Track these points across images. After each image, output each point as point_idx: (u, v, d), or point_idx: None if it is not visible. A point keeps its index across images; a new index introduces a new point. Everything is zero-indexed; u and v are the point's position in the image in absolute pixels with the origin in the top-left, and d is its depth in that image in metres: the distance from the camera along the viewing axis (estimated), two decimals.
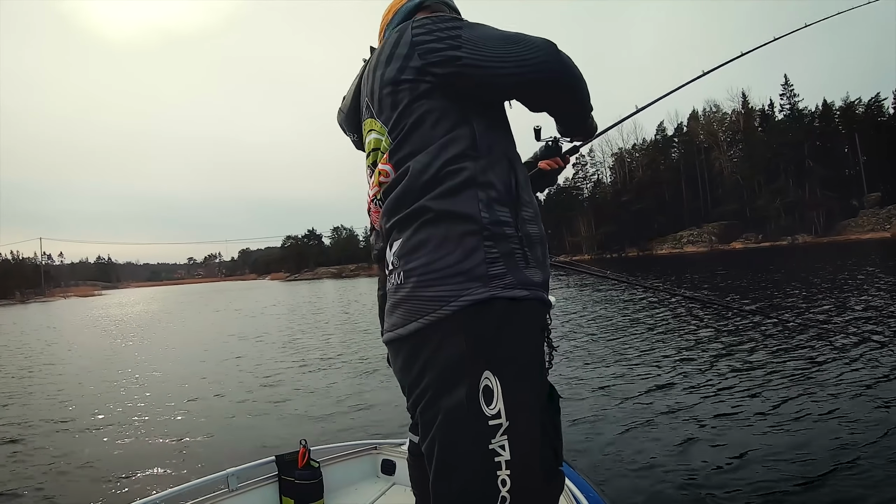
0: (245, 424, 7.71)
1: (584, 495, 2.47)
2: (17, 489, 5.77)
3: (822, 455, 4.89)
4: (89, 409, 9.30)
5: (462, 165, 1.36)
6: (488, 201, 1.34)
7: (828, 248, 50.95)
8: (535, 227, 1.43)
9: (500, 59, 1.34)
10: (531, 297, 1.32)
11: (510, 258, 1.31)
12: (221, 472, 2.77)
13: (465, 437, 1.23)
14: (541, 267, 1.39)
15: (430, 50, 1.40)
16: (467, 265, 1.29)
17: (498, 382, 1.23)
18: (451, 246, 1.31)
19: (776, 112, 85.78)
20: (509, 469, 1.20)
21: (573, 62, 1.40)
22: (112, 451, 6.83)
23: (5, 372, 14.39)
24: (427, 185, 1.37)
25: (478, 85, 1.39)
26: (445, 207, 1.34)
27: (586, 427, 6.21)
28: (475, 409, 1.22)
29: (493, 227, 1.32)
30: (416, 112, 1.42)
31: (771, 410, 6.22)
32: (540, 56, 1.34)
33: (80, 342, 22.12)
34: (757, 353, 9.27)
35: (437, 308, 1.29)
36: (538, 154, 1.97)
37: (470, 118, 1.41)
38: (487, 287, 1.27)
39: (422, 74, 1.41)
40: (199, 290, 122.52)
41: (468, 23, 1.44)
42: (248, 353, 14.79)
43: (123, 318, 35.27)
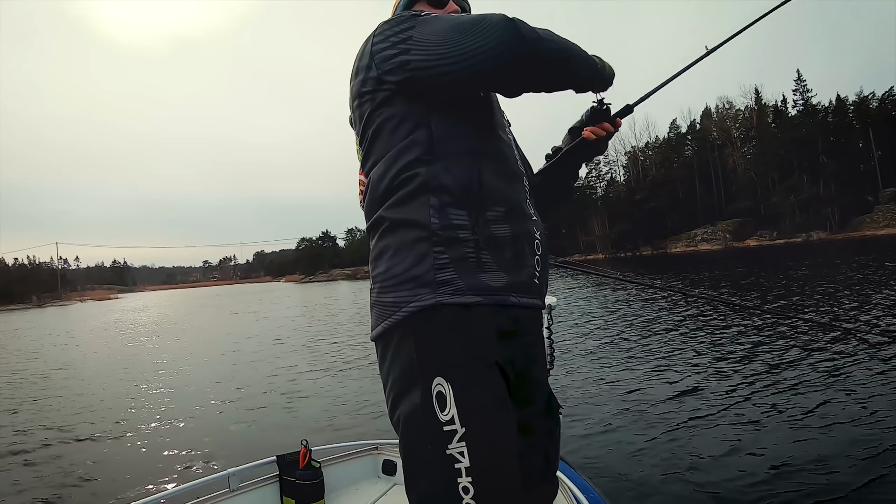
0: (246, 424, 7.80)
1: (585, 496, 2.49)
2: (20, 489, 5.90)
3: (829, 457, 4.89)
4: (94, 410, 9.47)
5: (415, 172, 1.35)
6: (440, 206, 1.32)
7: (843, 245, 50.46)
8: (505, 226, 1.37)
9: (448, 55, 1.28)
10: (485, 303, 1.29)
11: (462, 263, 1.30)
12: (222, 472, 2.78)
13: (423, 443, 1.24)
14: (507, 269, 1.34)
15: (385, 58, 1.38)
16: (417, 271, 1.30)
17: (450, 388, 1.22)
18: (404, 253, 1.33)
19: (789, 108, 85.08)
20: (470, 476, 1.18)
21: (535, 31, 1.28)
22: (114, 451, 6.95)
23: (16, 376, 14.60)
24: (384, 195, 1.39)
25: (431, 87, 1.35)
26: (399, 216, 1.35)
27: (589, 427, 6.25)
28: (430, 414, 1.22)
29: (443, 231, 1.30)
30: (377, 121, 1.43)
31: (777, 411, 6.23)
32: (490, 40, 1.24)
33: (90, 346, 22.34)
34: (764, 353, 9.24)
35: (392, 313, 1.32)
36: (583, 119, 1.79)
37: (429, 120, 1.38)
38: (435, 293, 1.27)
39: (380, 84, 1.40)
40: (214, 292, 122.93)
41: (423, 19, 1.38)
42: (254, 354, 14.91)
43: (137, 322, 35.64)
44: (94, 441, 7.49)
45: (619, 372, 8.90)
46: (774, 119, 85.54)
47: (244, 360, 13.90)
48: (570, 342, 12.13)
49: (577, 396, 7.60)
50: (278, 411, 8.40)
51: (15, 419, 9.40)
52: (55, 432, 8.17)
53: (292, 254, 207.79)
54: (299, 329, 20.76)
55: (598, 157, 1.92)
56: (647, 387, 7.78)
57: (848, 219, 72.45)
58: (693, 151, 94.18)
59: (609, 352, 10.75)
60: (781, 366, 8.23)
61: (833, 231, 71.84)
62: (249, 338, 19.20)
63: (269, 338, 18.54)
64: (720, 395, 7.05)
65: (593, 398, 7.48)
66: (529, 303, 1.39)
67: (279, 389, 9.98)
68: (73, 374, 14.27)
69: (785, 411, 6.20)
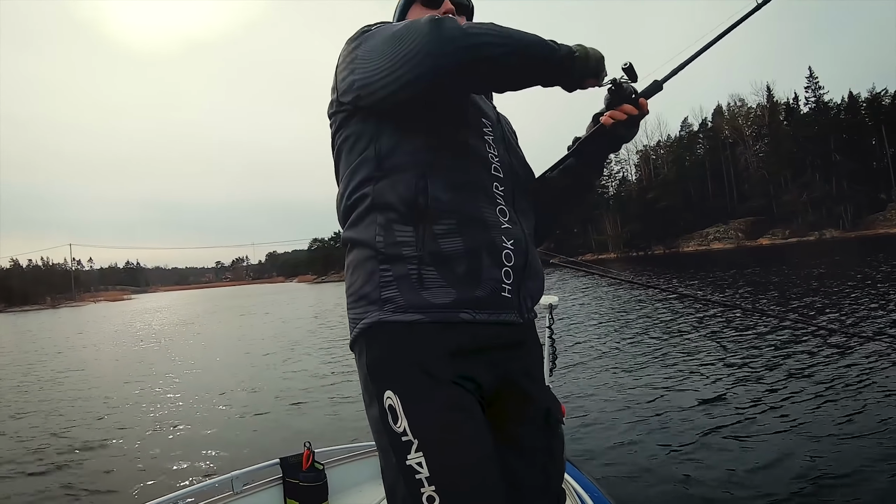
0: (250, 427, 7.89)
1: (590, 496, 2.53)
2: (24, 491, 6.02)
3: (834, 460, 4.92)
4: (98, 413, 9.60)
5: (363, 192, 1.36)
6: (386, 223, 1.32)
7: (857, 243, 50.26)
8: (455, 240, 1.31)
9: (380, 69, 1.27)
10: (427, 321, 1.27)
11: (404, 280, 1.29)
12: (226, 475, 2.79)
13: (388, 451, 1.25)
14: (457, 285, 1.30)
15: (341, 79, 1.39)
16: (366, 290, 1.32)
17: (398, 401, 1.23)
18: (359, 271, 1.35)
19: (801, 105, 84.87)
20: (432, 485, 1.18)
21: (461, 30, 1.21)
22: (117, 454, 7.04)
23: (28, 378, 14.81)
24: (344, 216, 1.43)
25: (375, 104, 1.33)
26: (353, 236, 1.38)
27: (592, 427, 6.34)
28: (386, 425, 1.24)
29: (387, 249, 1.30)
30: (338, 142, 1.45)
31: (789, 414, 6.24)
32: (415, 46, 1.20)
33: (99, 348, 22.56)
34: (777, 356, 9.24)
35: (352, 329, 1.35)
36: (604, 104, 1.58)
37: (380, 136, 1.38)
38: (381, 310, 1.29)
39: (339, 105, 1.42)
40: (227, 293, 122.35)
41: (369, 34, 1.37)
42: (259, 357, 15.04)
43: (148, 324, 35.74)
44: (99, 444, 7.60)
45: (627, 373, 8.96)
46: (786, 117, 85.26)
47: (249, 363, 14.06)
48: (577, 341, 12.20)
49: (584, 396, 7.65)
50: (282, 414, 8.49)
51: (22, 422, 9.54)
52: (61, 435, 8.30)
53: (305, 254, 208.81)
54: (306, 330, 20.89)
55: (624, 144, 1.69)
56: (655, 388, 7.81)
57: (861, 217, 72.29)
58: (705, 150, 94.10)
59: (616, 352, 10.80)
60: (794, 368, 8.23)
61: (846, 229, 71.68)
62: (256, 340, 19.36)
63: (276, 340, 18.61)
64: (727, 397, 7.09)
65: (600, 398, 7.54)
66: (491, 319, 1.33)
67: (283, 392, 10.09)
68: (80, 376, 14.42)
69: (797, 415, 6.20)
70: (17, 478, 6.51)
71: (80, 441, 7.78)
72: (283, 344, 17.17)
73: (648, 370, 8.98)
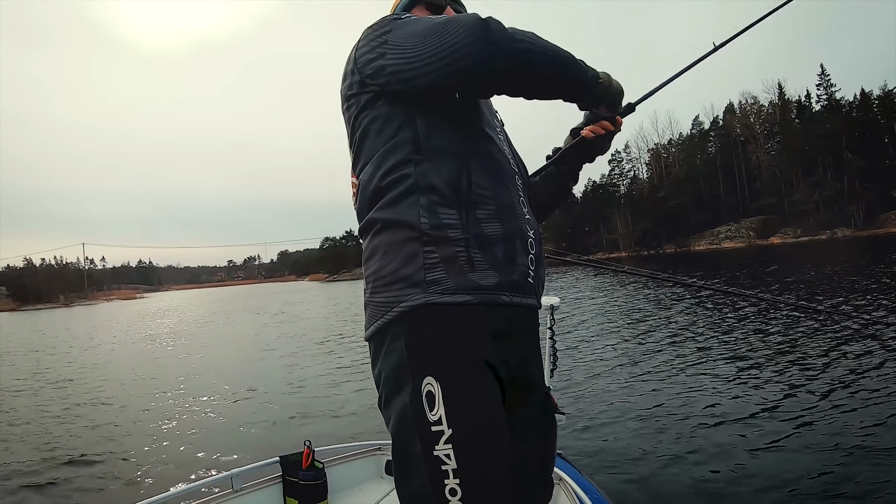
0: (250, 425, 7.89)
1: (588, 496, 2.52)
2: (23, 487, 6.05)
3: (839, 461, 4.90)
4: (99, 410, 9.69)
5: (403, 172, 1.35)
6: (430, 205, 1.32)
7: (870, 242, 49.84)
8: (496, 225, 1.36)
9: (419, 58, 1.29)
10: (476, 302, 1.29)
11: (452, 262, 1.29)
12: (226, 473, 2.79)
13: (412, 442, 1.23)
14: (498, 268, 1.34)
15: (366, 62, 1.40)
16: (407, 271, 1.30)
17: (440, 388, 1.21)
18: (394, 253, 1.33)
19: (813, 103, 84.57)
20: (458, 478, 1.18)
21: (507, 32, 1.27)
22: (118, 452, 7.04)
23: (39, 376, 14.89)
24: (373, 197, 1.40)
25: (406, 90, 1.36)
26: (389, 217, 1.35)
27: (592, 426, 6.36)
28: (419, 413, 1.22)
29: (433, 231, 1.30)
30: (363, 123, 1.45)
31: (788, 411, 6.28)
32: (459, 41, 1.24)
33: (106, 347, 22.69)
34: (775, 351, 9.35)
35: (384, 313, 1.32)
36: (584, 119, 1.74)
37: (414, 120, 1.39)
38: (426, 293, 1.27)
39: (363, 86, 1.43)
40: (239, 292, 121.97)
41: (401, 22, 1.40)
42: (262, 354, 15.12)
43: (157, 325, 35.28)
44: (99, 441, 7.65)
45: (625, 371, 9.03)
46: (798, 115, 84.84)
47: (251, 361, 14.11)
48: (577, 340, 12.29)
49: (583, 395, 7.70)
50: (282, 412, 8.49)
51: (24, 416, 9.67)
52: (61, 432, 8.36)
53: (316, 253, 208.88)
54: (312, 329, 20.90)
55: (598, 156, 1.85)
56: (653, 387, 7.87)
57: (873, 215, 71.83)
58: (716, 148, 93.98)
59: (615, 351, 10.84)
60: (794, 368, 8.23)
61: (858, 228, 71.30)
62: (261, 338, 19.49)
63: (281, 338, 18.67)
64: (726, 395, 7.12)
65: (598, 397, 7.59)
66: (523, 302, 1.38)
67: (283, 390, 10.14)
68: (85, 374, 14.49)
69: (795, 413, 6.22)
70: (14, 475, 6.50)
71: (80, 438, 7.88)
72: (287, 343, 17.27)
73: (647, 369, 9.04)
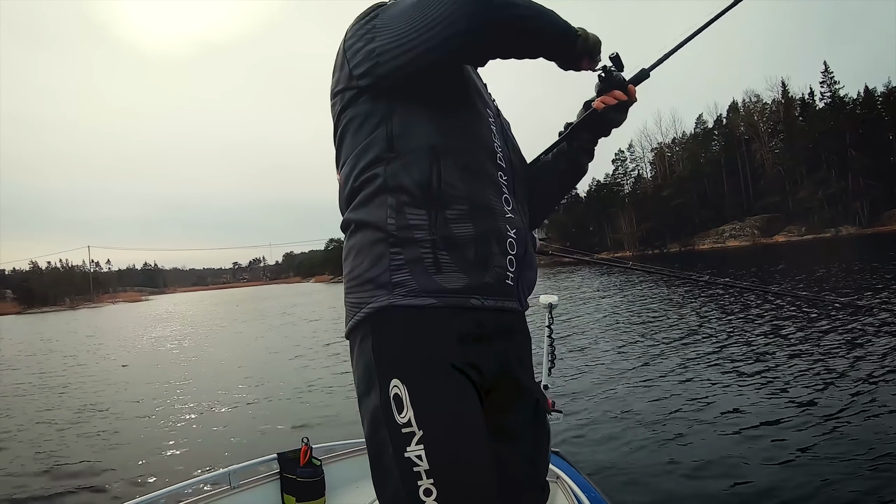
0: (247, 422, 7.84)
1: (586, 494, 2.51)
2: (19, 485, 6.05)
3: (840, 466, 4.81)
4: (93, 407, 9.73)
5: (374, 172, 1.34)
6: (398, 206, 1.30)
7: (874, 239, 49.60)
8: (466, 226, 1.32)
9: (410, 31, 1.26)
10: (440, 305, 1.27)
11: (417, 264, 1.28)
12: (223, 470, 2.78)
13: (385, 443, 1.23)
14: (468, 271, 1.30)
15: (354, 52, 1.37)
16: (374, 273, 1.30)
17: (406, 390, 1.21)
18: (364, 254, 1.33)
19: (816, 101, 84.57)
20: (431, 478, 1.17)
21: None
22: (115, 448, 7.05)
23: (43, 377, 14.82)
24: (348, 198, 1.40)
25: (398, 69, 1.31)
26: (360, 218, 1.35)
27: (590, 425, 6.34)
28: (388, 415, 1.22)
29: (399, 232, 1.29)
30: (343, 122, 1.44)
31: (783, 412, 6.25)
32: (448, 7, 1.21)
33: (107, 346, 22.83)
34: (770, 351, 9.29)
35: (355, 313, 1.32)
36: (595, 91, 1.66)
37: (391, 116, 1.36)
38: (390, 294, 1.27)
39: (349, 80, 1.40)
40: (244, 293, 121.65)
41: (386, 6, 1.38)
42: (262, 352, 15.14)
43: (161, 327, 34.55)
44: (96, 438, 7.64)
45: (625, 370, 9.04)
46: (802, 112, 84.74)
47: (250, 358, 14.10)
48: (579, 339, 12.34)
49: (582, 394, 7.69)
50: (280, 409, 8.48)
51: (17, 416, 9.67)
52: (56, 428, 8.40)
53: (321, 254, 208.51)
54: (312, 329, 20.87)
55: (614, 128, 1.75)
56: (651, 386, 7.88)
57: (878, 213, 71.84)
58: (720, 147, 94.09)
59: (615, 350, 10.85)
60: (795, 368, 8.14)
61: (862, 226, 71.32)
62: (261, 338, 19.57)
63: (281, 339, 18.65)
64: (724, 394, 7.13)
65: (598, 396, 7.59)
66: (497, 305, 1.35)
67: (281, 387, 10.14)
68: (85, 375, 14.37)
69: (792, 412, 6.22)
70: (10, 472, 6.53)
71: (78, 436, 7.87)
72: (286, 342, 17.26)
73: (647, 368, 9.03)
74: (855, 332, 9.95)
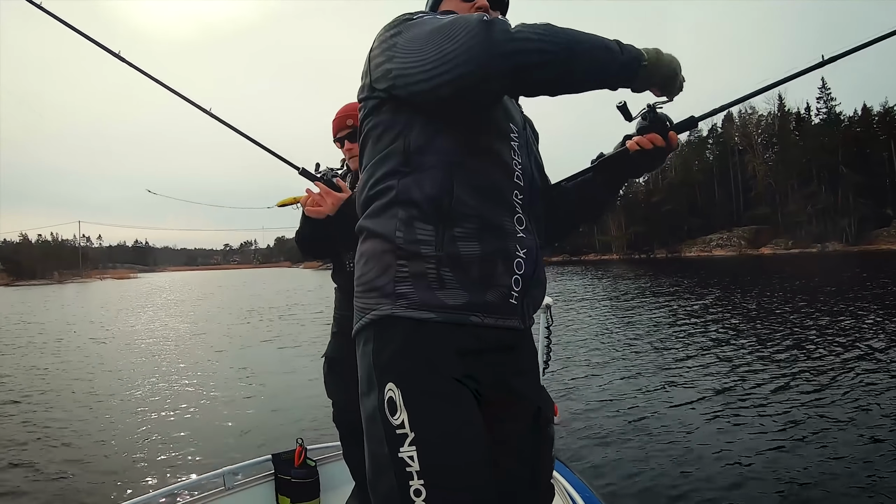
0: (242, 423, 7.77)
1: (580, 495, 2.53)
2: (11, 488, 5.82)
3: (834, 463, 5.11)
4: (88, 405, 9.37)
5: (388, 184, 1.36)
6: (408, 219, 1.33)
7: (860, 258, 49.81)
8: (473, 244, 1.34)
9: (421, 63, 1.25)
10: (439, 320, 1.30)
11: (420, 278, 1.31)
12: (218, 471, 2.78)
13: (380, 442, 1.26)
14: (470, 289, 1.33)
15: (376, 65, 1.38)
16: (380, 282, 1.33)
17: (400, 395, 1.24)
18: (373, 262, 1.36)
19: (812, 116, 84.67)
20: (422, 479, 1.20)
21: (510, 33, 1.20)
22: (108, 450, 6.87)
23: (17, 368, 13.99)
24: (364, 205, 1.43)
25: (411, 95, 1.32)
26: (371, 227, 1.38)
27: (585, 428, 6.47)
28: (384, 417, 1.25)
29: (407, 245, 1.31)
30: (366, 129, 1.45)
31: (779, 418, 6.44)
32: (459, 46, 1.19)
33: (95, 327, 22.53)
34: (769, 359, 9.53)
35: (361, 317, 1.37)
36: (636, 128, 1.56)
37: (411, 130, 1.37)
38: (393, 305, 1.30)
39: (371, 91, 1.41)
40: (233, 276, 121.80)
41: (411, 23, 1.36)
42: (252, 350, 14.92)
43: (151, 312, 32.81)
44: (89, 438, 7.43)
45: (621, 375, 9.14)
46: (797, 126, 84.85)
47: (241, 357, 13.87)
48: (573, 343, 12.36)
49: (577, 397, 7.81)
50: (274, 410, 8.43)
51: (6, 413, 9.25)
52: (48, 428, 8.04)
53: None
54: (302, 324, 20.51)
55: (644, 172, 1.68)
56: (649, 389, 8.05)
57: (865, 231, 71.96)
58: (714, 155, 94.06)
59: (611, 355, 10.94)
60: (795, 371, 8.47)
61: (849, 243, 71.40)
62: (251, 330, 19.34)
63: (273, 332, 18.28)
64: (722, 400, 7.27)
65: (594, 399, 7.69)
66: (497, 323, 1.37)
67: (275, 387, 10.00)
68: (70, 364, 13.90)
69: (791, 420, 6.37)
70: (5, 474, 6.25)
71: (68, 436, 7.60)
72: (279, 337, 17.00)
73: (644, 371, 9.22)
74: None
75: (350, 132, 2.48)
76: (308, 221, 2.34)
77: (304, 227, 2.39)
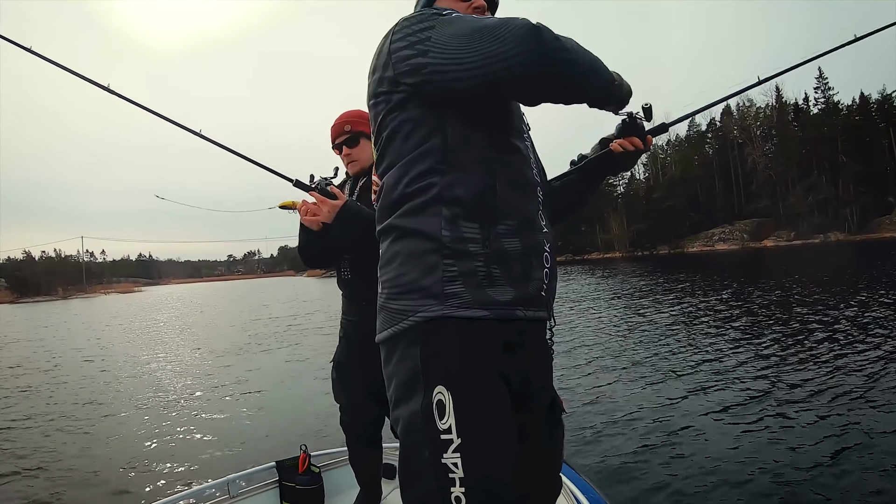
0: (245, 430, 7.74)
1: (585, 496, 2.52)
2: (12, 497, 5.84)
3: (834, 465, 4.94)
4: (91, 412, 9.49)
5: (428, 182, 1.35)
6: (452, 218, 1.32)
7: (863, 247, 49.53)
8: (515, 241, 1.37)
9: (466, 60, 1.25)
10: (491, 317, 1.30)
11: (470, 277, 1.31)
12: (222, 479, 2.78)
13: (421, 448, 1.25)
14: (515, 283, 1.35)
15: (402, 58, 1.35)
16: (425, 282, 1.31)
17: (451, 398, 1.23)
18: (414, 262, 1.33)
19: (810, 106, 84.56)
20: (463, 487, 1.19)
21: (558, 41, 1.25)
22: (112, 458, 6.87)
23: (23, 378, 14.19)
24: (396, 203, 1.39)
25: (447, 92, 1.32)
26: (410, 226, 1.35)
27: (589, 427, 6.41)
28: (429, 421, 1.24)
29: (454, 244, 1.31)
30: (391, 125, 1.42)
31: (790, 419, 6.26)
32: (511, 47, 1.21)
33: (99, 343, 21.96)
34: (773, 358, 9.32)
35: (400, 320, 1.33)
36: (615, 132, 1.74)
37: (444, 127, 1.37)
38: (443, 305, 1.29)
39: (395, 85, 1.38)
40: (237, 286, 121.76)
41: (444, 19, 1.34)
42: (256, 356, 14.88)
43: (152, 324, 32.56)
44: (93, 446, 7.48)
45: (625, 374, 9.07)
46: (795, 117, 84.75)
47: (243, 364, 13.80)
48: (576, 342, 12.30)
49: (580, 396, 7.76)
50: (278, 416, 8.38)
51: (7, 421, 9.33)
52: (52, 435, 8.14)
53: None
54: (305, 330, 20.44)
55: (621, 172, 1.89)
56: (653, 390, 7.92)
57: (867, 220, 71.90)
58: (713, 150, 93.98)
59: (615, 353, 10.85)
60: (799, 372, 8.24)
61: (852, 232, 71.33)
62: (253, 337, 19.23)
63: (276, 340, 18.20)
64: (726, 400, 7.13)
65: (595, 398, 7.66)
66: (535, 315, 1.41)
67: (280, 394, 9.98)
68: (73, 374, 14.05)
69: (795, 419, 6.24)
70: (6, 483, 6.30)
71: (73, 443, 7.67)
72: (282, 344, 16.90)
73: (646, 372, 9.10)
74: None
75: (348, 138, 2.59)
76: (304, 231, 2.44)
77: (301, 236, 2.49)
